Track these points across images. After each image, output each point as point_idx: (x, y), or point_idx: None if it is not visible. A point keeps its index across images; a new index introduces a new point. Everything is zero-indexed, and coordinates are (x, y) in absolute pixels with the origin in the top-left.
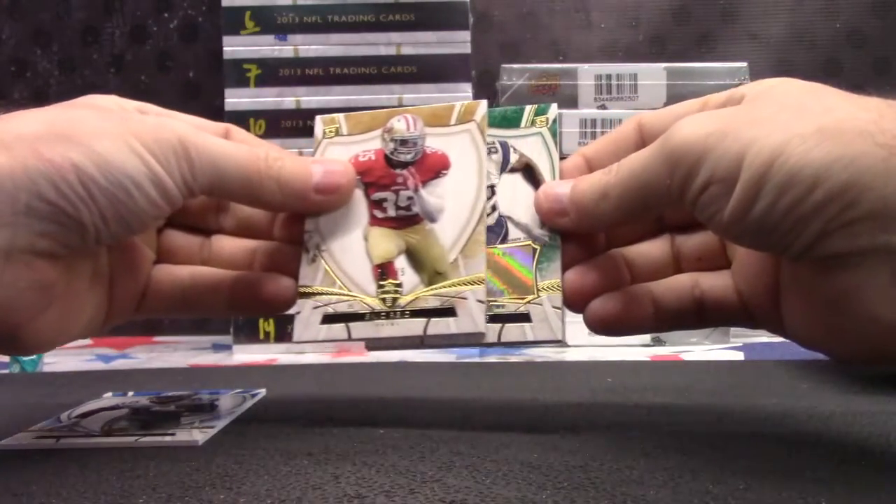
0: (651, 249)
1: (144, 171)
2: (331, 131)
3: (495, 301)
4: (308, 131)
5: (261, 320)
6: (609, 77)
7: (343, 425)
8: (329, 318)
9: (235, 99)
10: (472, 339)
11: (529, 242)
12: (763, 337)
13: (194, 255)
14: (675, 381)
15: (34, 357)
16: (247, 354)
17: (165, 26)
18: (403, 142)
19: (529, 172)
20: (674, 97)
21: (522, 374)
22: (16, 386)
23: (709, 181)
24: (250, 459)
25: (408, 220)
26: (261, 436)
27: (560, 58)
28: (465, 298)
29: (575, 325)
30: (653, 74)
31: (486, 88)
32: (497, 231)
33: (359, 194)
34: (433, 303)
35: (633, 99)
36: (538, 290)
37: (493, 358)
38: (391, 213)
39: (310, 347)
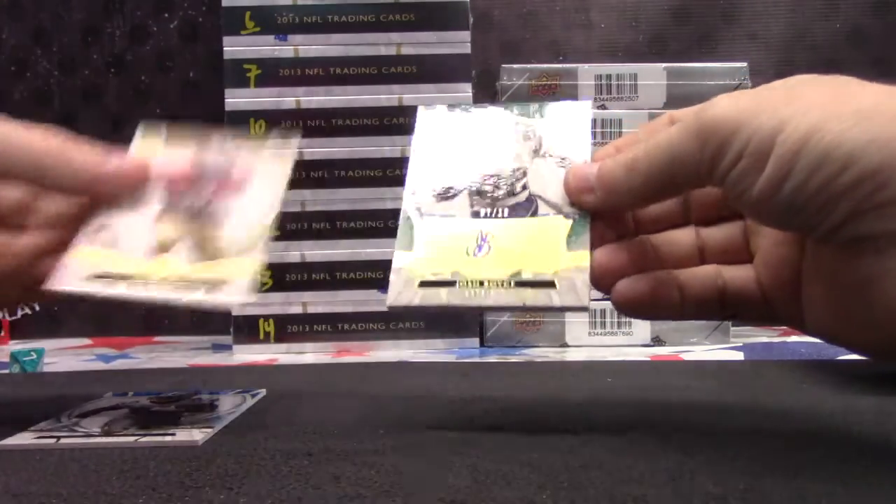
0: (677, 237)
1: None
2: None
3: (521, 270)
4: (309, 132)
5: (261, 320)
6: (609, 77)
7: (343, 425)
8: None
9: (235, 99)
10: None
11: (560, 217)
12: (763, 337)
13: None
14: (675, 381)
15: (34, 357)
16: (247, 354)
17: (165, 26)
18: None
19: (562, 157)
20: (674, 97)
21: (522, 374)
22: (16, 386)
23: (740, 155)
24: (250, 459)
25: (199, 217)
26: (261, 436)
27: (560, 58)
28: (230, 281)
29: (575, 325)
30: (653, 74)
31: (486, 88)
32: (526, 207)
33: (158, 193)
34: (204, 276)
35: (633, 99)
36: (566, 260)
37: (493, 358)
38: (184, 211)
39: (310, 347)
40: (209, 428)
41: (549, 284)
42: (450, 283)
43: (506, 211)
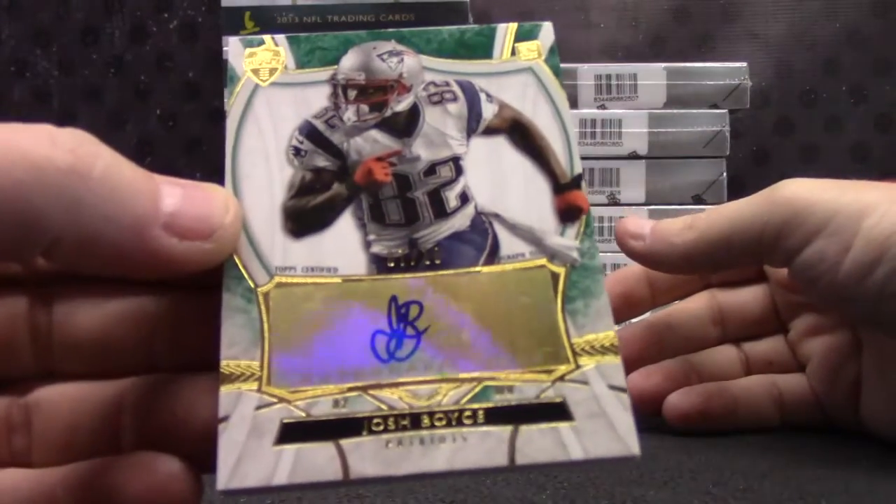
0: (718, 355)
1: None
2: None
3: (490, 379)
4: None
5: None
6: (609, 77)
7: None
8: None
9: None
10: None
11: (542, 261)
12: None
13: None
14: None
15: None
16: None
17: (165, 26)
18: None
19: (522, 134)
20: (674, 97)
21: None
22: None
23: (815, 233)
24: None
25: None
26: None
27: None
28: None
29: None
30: (653, 74)
31: None
32: (477, 242)
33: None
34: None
35: (632, 99)
36: (574, 353)
37: None
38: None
39: None
40: None
41: (556, 411)
42: (349, 425)
43: (436, 252)
